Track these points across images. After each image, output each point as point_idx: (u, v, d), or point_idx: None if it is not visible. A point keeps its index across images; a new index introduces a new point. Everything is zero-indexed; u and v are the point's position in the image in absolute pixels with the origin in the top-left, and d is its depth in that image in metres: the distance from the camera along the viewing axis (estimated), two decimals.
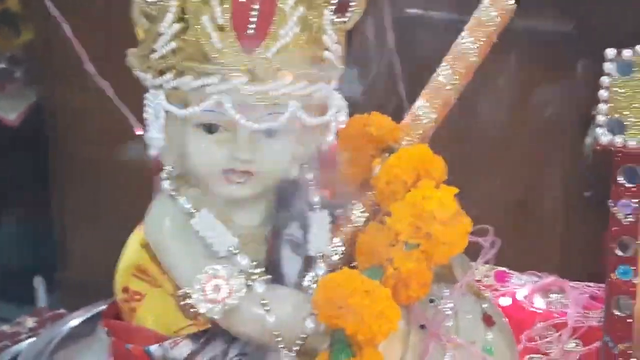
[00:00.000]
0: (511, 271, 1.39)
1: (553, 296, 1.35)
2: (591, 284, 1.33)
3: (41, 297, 1.74)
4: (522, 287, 1.36)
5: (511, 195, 1.80)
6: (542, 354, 1.24)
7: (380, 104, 1.05)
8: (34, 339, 1.50)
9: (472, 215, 0.92)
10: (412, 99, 1.02)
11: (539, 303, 1.33)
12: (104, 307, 1.45)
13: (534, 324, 1.27)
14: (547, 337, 1.26)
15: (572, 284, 1.35)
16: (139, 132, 1.11)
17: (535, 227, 1.79)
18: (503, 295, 1.33)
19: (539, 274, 1.38)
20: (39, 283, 1.73)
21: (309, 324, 0.91)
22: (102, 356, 1.33)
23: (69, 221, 2.03)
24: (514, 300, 1.33)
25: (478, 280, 1.37)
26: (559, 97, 1.73)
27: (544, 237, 1.79)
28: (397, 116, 1.01)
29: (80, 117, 1.95)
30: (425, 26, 1.72)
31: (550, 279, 1.36)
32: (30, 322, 1.64)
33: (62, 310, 1.65)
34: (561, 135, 1.67)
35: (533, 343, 1.25)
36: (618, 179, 0.96)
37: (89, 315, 1.50)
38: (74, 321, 1.51)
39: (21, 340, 1.55)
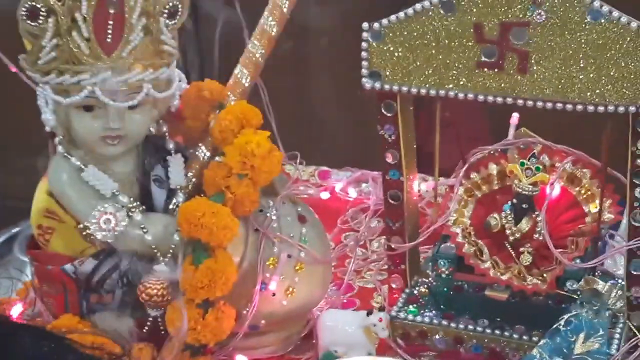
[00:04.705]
0: (331, 169, 1.73)
1: (363, 185, 1.68)
2: None
3: None
4: (340, 181, 1.70)
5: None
6: (354, 231, 1.58)
7: None
8: None
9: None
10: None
11: (352, 193, 1.68)
12: (16, 229, 1.74)
13: (347, 210, 1.64)
14: (357, 219, 1.62)
15: (376, 173, 1.64)
16: (13, 69, 1.29)
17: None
18: (324, 190, 1.67)
19: (352, 169, 1.72)
20: None
21: (176, 238, 1.22)
22: (17, 272, 1.61)
23: None
24: (332, 192, 1.67)
25: (306, 180, 1.71)
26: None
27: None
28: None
29: None
30: None
31: (359, 172, 1.70)
32: None
33: None
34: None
35: (347, 225, 1.60)
36: (381, 110, 1.27)
37: (4, 237, 1.78)
38: None
39: None
